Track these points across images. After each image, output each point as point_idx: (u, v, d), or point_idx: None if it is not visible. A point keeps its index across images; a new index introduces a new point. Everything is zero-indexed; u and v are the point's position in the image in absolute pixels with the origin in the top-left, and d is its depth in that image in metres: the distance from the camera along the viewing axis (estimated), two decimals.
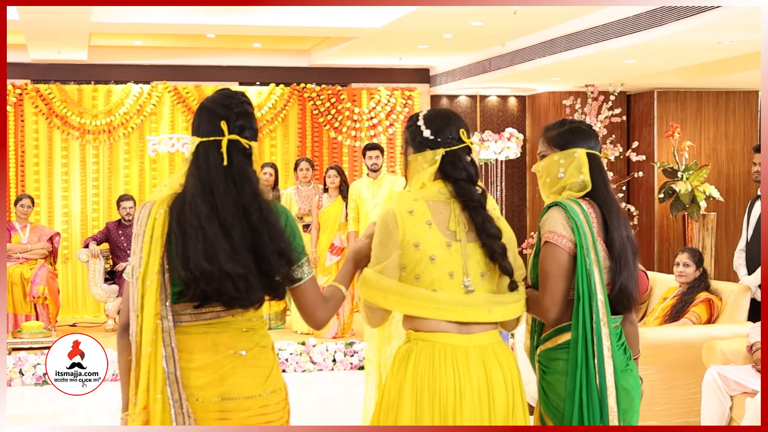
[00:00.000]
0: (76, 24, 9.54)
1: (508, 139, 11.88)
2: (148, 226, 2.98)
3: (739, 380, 5.63)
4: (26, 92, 11.84)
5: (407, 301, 3.19)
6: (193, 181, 2.98)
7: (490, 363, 3.22)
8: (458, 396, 3.17)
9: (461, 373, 3.17)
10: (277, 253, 2.94)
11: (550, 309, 3.35)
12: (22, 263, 10.18)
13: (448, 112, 3.40)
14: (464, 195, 3.27)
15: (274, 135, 12.60)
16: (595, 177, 3.45)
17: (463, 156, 3.30)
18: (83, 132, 11.96)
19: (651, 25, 8.35)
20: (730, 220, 13.14)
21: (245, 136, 3.05)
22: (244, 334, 3.06)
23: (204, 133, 3.04)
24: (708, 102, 13.31)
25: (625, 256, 3.38)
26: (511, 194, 13.65)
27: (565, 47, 9.83)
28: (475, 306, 3.19)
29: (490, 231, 3.25)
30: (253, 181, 3.01)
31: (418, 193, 3.28)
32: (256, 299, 2.99)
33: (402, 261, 3.21)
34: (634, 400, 3.43)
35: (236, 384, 3.00)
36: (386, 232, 3.23)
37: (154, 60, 12.52)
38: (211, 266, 2.88)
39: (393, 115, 12.86)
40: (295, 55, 12.81)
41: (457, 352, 3.19)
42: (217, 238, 2.89)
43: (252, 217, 2.94)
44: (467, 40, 10.69)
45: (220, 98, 3.08)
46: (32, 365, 8.39)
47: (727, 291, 6.75)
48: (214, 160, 2.99)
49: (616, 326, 3.43)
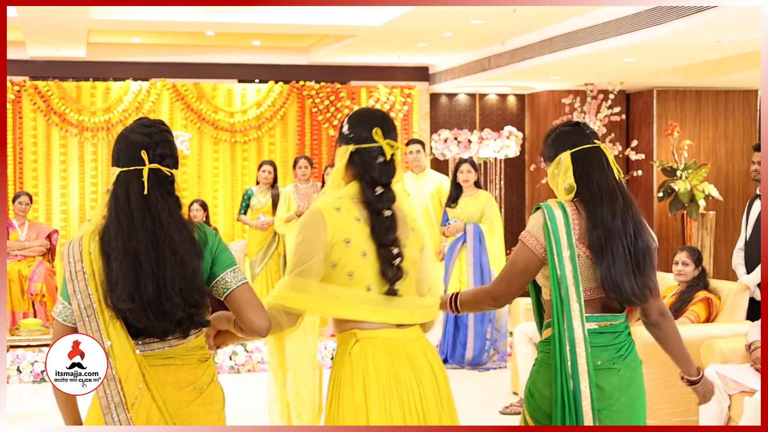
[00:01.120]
0: (75, 21, 9.53)
1: (507, 138, 11.87)
2: (86, 263, 2.99)
3: (738, 379, 5.63)
4: (24, 89, 11.83)
5: (343, 305, 3.19)
6: (111, 212, 3.01)
7: (429, 356, 3.28)
8: (420, 389, 3.21)
9: (415, 366, 3.21)
10: (179, 292, 2.96)
11: (500, 297, 3.49)
12: (20, 260, 10.17)
13: (373, 111, 3.42)
14: (364, 197, 3.26)
15: (273, 133, 12.60)
16: (579, 175, 3.44)
17: (372, 156, 3.28)
18: (82, 129, 11.95)
19: (650, 24, 8.34)
20: (729, 219, 13.14)
21: (166, 164, 3.07)
22: (202, 366, 3.10)
23: (124, 163, 3.05)
24: (707, 101, 13.30)
25: (605, 248, 3.34)
26: (510, 193, 13.64)
27: (565, 46, 9.83)
28: (401, 308, 3.23)
29: (380, 239, 3.22)
30: (171, 210, 3.03)
31: (343, 191, 3.29)
32: (162, 329, 3.00)
33: (332, 259, 3.20)
34: (612, 398, 3.40)
35: (201, 421, 3.05)
36: (312, 231, 3.20)
37: (152, 57, 12.51)
38: (114, 298, 2.92)
39: (392, 114, 12.85)
40: (295, 52, 12.80)
41: (406, 346, 3.23)
42: (124, 271, 2.92)
43: (161, 248, 2.96)
44: (467, 39, 10.68)
45: (139, 128, 3.09)
46: (30, 362, 8.38)
47: (725, 290, 6.75)
48: (134, 190, 3.00)
49: (607, 325, 3.43)
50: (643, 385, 3.52)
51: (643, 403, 3.51)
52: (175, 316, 2.97)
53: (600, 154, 3.49)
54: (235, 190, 12.33)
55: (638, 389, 3.48)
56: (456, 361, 8.76)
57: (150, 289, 2.93)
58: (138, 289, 2.92)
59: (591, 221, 3.38)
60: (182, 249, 2.98)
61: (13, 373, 8.30)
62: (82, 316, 2.97)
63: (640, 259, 3.40)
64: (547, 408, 3.40)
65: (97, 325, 2.95)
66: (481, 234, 8.76)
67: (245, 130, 12.44)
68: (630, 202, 3.44)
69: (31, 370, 8.33)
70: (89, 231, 3.04)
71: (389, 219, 3.24)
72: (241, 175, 12.43)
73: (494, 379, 8.41)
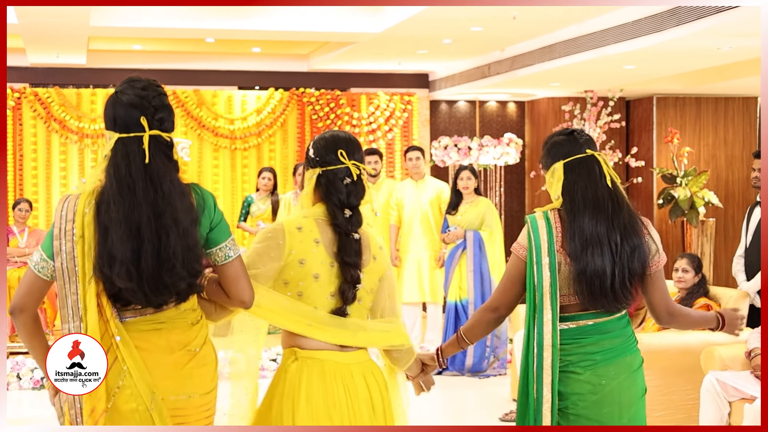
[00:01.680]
0: (75, 28, 9.53)
1: (507, 145, 11.87)
2: (77, 224, 2.94)
3: (738, 386, 5.62)
4: (25, 96, 11.84)
5: (287, 315, 3.22)
6: (112, 179, 2.94)
7: (369, 381, 3.31)
8: (352, 413, 3.24)
9: (350, 391, 3.24)
10: (182, 263, 2.94)
11: (499, 307, 3.63)
12: (20, 267, 10.16)
13: (338, 134, 3.43)
14: (333, 219, 3.29)
15: (273, 140, 12.60)
16: (567, 186, 3.52)
17: (338, 177, 3.32)
18: (82, 136, 11.96)
19: (650, 31, 8.35)
20: (729, 226, 13.14)
21: (165, 129, 3.03)
22: (194, 328, 3.08)
23: (122, 129, 2.99)
24: (707, 108, 13.31)
25: (581, 254, 3.42)
26: (510, 200, 13.64)
27: (565, 53, 9.83)
28: (344, 329, 3.26)
29: (344, 258, 3.26)
30: (172, 177, 2.99)
31: (309, 212, 3.34)
32: (160, 302, 2.99)
33: (285, 276, 3.24)
34: (568, 401, 3.47)
35: (195, 383, 3.04)
36: (271, 241, 3.25)
37: (153, 64, 12.51)
38: (109, 272, 2.88)
39: (392, 121, 12.86)
40: (295, 59, 12.81)
41: (344, 370, 3.26)
42: (122, 241, 2.88)
43: (163, 217, 2.92)
44: (466, 46, 10.69)
45: (134, 90, 3.02)
46: (30, 369, 8.36)
47: (725, 297, 6.75)
48: (134, 158, 2.95)
49: (577, 326, 3.50)
50: (622, 392, 3.49)
51: (617, 409, 3.49)
52: (177, 288, 2.95)
53: (592, 163, 3.54)
54: (235, 197, 12.33)
55: (611, 395, 3.48)
56: (456, 368, 8.75)
57: (150, 263, 2.90)
58: (137, 265, 2.89)
59: (570, 230, 3.46)
60: (184, 218, 2.95)
61: (13, 380, 8.29)
62: (64, 276, 2.94)
63: (626, 264, 3.45)
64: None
65: (76, 289, 2.94)
66: (481, 241, 8.76)
67: (245, 136, 12.45)
68: (619, 208, 3.49)
69: (31, 376, 8.31)
70: (87, 192, 2.98)
71: (357, 242, 3.28)
72: (241, 182, 12.44)
73: (494, 386, 8.40)
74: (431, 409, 8.10)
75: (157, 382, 2.98)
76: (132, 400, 2.94)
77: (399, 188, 9.88)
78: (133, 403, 2.94)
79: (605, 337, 3.50)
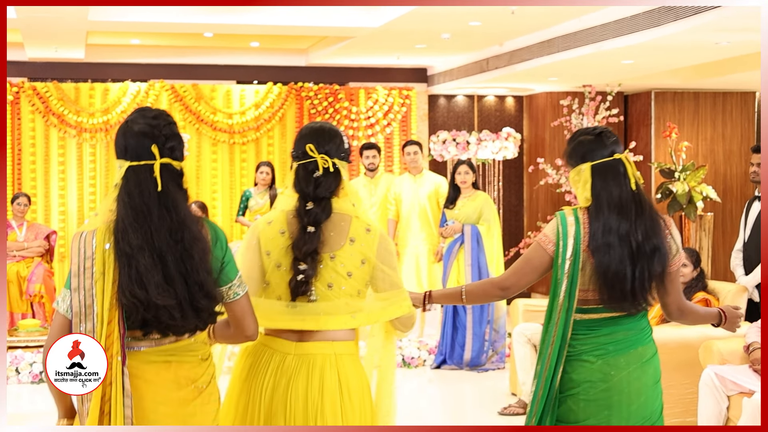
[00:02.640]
0: (74, 22, 9.53)
1: (506, 139, 11.86)
2: (98, 261, 2.92)
3: (736, 380, 5.63)
4: (23, 90, 11.83)
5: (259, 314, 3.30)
6: (126, 208, 2.94)
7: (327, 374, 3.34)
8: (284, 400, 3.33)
9: (281, 377, 3.33)
10: (198, 285, 2.95)
11: (510, 288, 3.70)
12: (19, 261, 10.17)
13: (310, 127, 3.54)
14: (296, 211, 3.40)
15: (272, 134, 12.60)
16: (596, 186, 3.60)
17: (308, 171, 3.43)
18: (80, 130, 11.95)
19: (648, 26, 8.35)
20: (727, 220, 13.15)
21: (176, 157, 3.04)
22: (202, 364, 3.09)
23: (134, 157, 3.00)
24: (705, 103, 13.31)
25: (605, 254, 3.53)
26: (508, 194, 13.64)
27: (563, 47, 9.83)
28: (294, 314, 3.35)
29: (293, 250, 3.36)
30: (184, 204, 3.01)
31: (284, 204, 3.48)
32: (191, 327, 3.00)
33: (263, 268, 3.40)
34: (580, 387, 3.59)
35: (198, 421, 3.05)
36: (249, 240, 3.44)
37: (151, 59, 12.50)
38: (145, 295, 2.88)
39: (390, 115, 12.86)
40: (293, 54, 12.80)
41: (292, 360, 3.35)
42: (149, 267, 2.89)
43: (184, 242, 2.93)
44: (465, 40, 10.69)
45: (145, 119, 3.05)
46: (28, 363, 8.38)
47: (724, 291, 6.76)
48: (147, 185, 2.95)
49: (593, 318, 3.61)
50: (632, 382, 3.61)
51: (626, 398, 3.60)
52: (206, 312, 2.97)
53: (618, 166, 3.63)
54: (234, 192, 12.33)
55: (620, 384, 3.59)
56: (454, 362, 8.76)
57: (180, 286, 2.91)
58: (172, 287, 2.90)
59: (593, 229, 3.56)
60: (201, 245, 2.97)
61: (12, 374, 8.30)
62: (80, 314, 2.92)
63: (646, 266, 3.55)
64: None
65: (93, 327, 2.91)
66: (479, 235, 8.77)
67: (244, 131, 12.44)
68: (642, 211, 3.59)
69: (30, 371, 8.33)
70: (103, 227, 2.96)
71: (310, 235, 3.35)
72: (239, 176, 12.43)
73: (493, 380, 8.41)
74: (429, 403, 8.11)
75: (159, 418, 2.98)
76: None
77: (397, 183, 9.89)
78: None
79: (620, 328, 3.62)
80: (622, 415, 3.59)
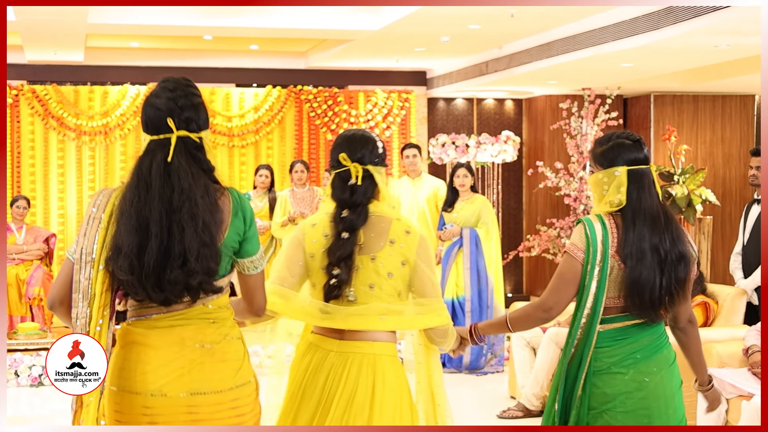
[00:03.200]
0: (73, 25, 9.53)
1: (505, 142, 11.87)
2: (106, 213, 3.01)
3: (735, 383, 5.63)
4: (22, 93, 11.84)
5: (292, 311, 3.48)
6: (133, 175, 3.02)
7: (364, 371, 3.43)
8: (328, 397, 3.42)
9: (331, 378, 3.43)
10: (196, 258, 2.96)
11: (553, 308, 3.62)
12: (18, 264, 10.17)
13: (343, 136, 3.65)
14: (332, 218, 3.52)
15: (271, 137, 12.60)
16: (632, 193, 3.59)
17: (342, 179, 3.55)
18: (79, 133, 11.96)
19: (648, 29, 8.35)
20: (726, 223, 13.15)
21: (192, 129, 3.07)
22: (211, 326, 3.07)
23: (153, 131, 3.05)
24: (704, 106, 13.32)
25: (639, 263, 3.52)
26: (507, 197, 13.64)
27: (562, 50, 9.84)
28: (325, 314, 3.45)
29: (330, 257, 3.46)
30: (195, 175, 3.02)
31: (328, 208, 3.59)
32: (169, 299, 2.99)
33: (308, 269, 3.52)
34: (616, 400, 3.54)
35: (205, 379, 3.01)
36: (294, 241, 3.56)
37: (150, 61, 12.51)
38: (122, 261, 2.93)
39: (390, 118, 12.87)
40: (292, 57, 12.81)
41: (333, 357, 3.46)
42: (131, 233, 2.93)
43: (179, 214, 2.95)
44: (464, 43, 10.69)
45: (164, 92, 3.08)
46: (28, 366, 8.37)
47: (723, 294, 6.76)
48: (157, 159, 3.00)
49: (617, 327, 3.58)
50: (666, 385, 3.60)
51: (664, 402, 3.58)
52: (188, 285, 2.96)
53: (650, 176, 3.64)
54: None
55: (656, 389, 3.57)
56: (453, 365, 8.76)
57: (154, 259, 2.92)
58: (140, 260, 2.92)
59: (627, 237, 3.55)
60: (205, 215, 2.97)
61: (11, 377, 8.29)
62: (81, 260, 2.98)
63: (672, 274, 3.56)
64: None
65: (89, 274, 2.96)
66: (478, 238, 8.77)
67: (243, 134, 12.45)
68: (671, 220, 3.61)
69: (29, 374, 8.32)
70: (121, 186, 3.06)
71: (344, 241, 3.45)
72: (238, 179, 12.43)
73: (492, 383, 8.41)
74: None
75: (163, 381, 2.97)
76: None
77: (396, 186, 9.89)
78: None
79: (644, 335, 3.61)
80: (662, 421, 3.57)
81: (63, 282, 3.04)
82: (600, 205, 3.65)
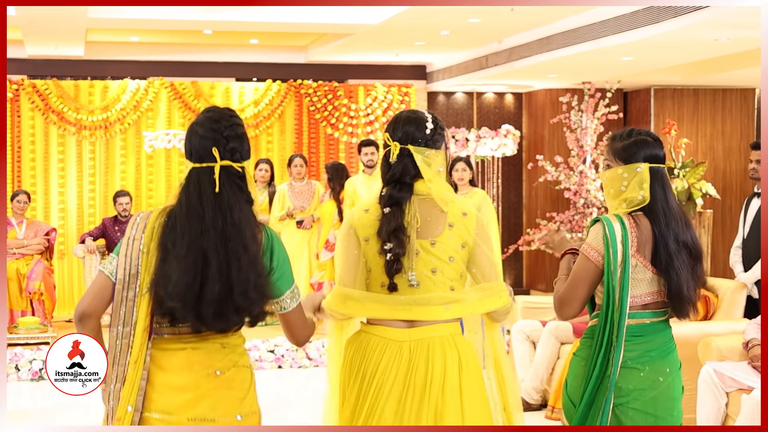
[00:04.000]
0: (73, 20, 9.53)
1: (505, 136, 11.88)
2: (146, 236, 3.01)
3: (735, 377, 5.64)
4: (23, 88, 11.83)
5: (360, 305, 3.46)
6: (181, 207, 3.02)
7: (437, 357, 3.40)
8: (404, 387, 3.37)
9: (401, 365, 3.38)
10: (254, 288, 2.97)
11: (568, 306, 3.61)
12: (18, 259, 10.18)
13: (395, 117, 3.66)
14: (380, 196, 3.56)
15: (271, 131, 12.60)
16: (655, 191, 3.58)
17: (386, 159, 3.61)
18: (80, 128, 11.96)
19: (648, 23, 8.35)
20: (727, 217, 13.16)
21: (236, 159, 3.07)
22: (221, 351, 3.07)
23: (197, 159, 3.06)
24: (705, 99, 13.32)
25: (674, 263, 3.54)
26: (507, 191, 13.65)
27: (562, 44, 9.84)
28: (381, 303, 3.44)
29: (379, 234, 3.46)
30: (242, 207, 3.04)
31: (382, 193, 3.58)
32: (227, 327, 3.01)
33: (363, 256, 3.50)
34: (630, 396, 3.55)
35: (211, 406, 3.01)
36: (347, 230, 3.55)
37: (150, 56, 12.51)
38: (184, 291, 2.92)
39: (390, 112, 12.86)
40: (292, 51, 12.81)
41: (407, 346, 3.41)
42: (187, 264, 2.93)
43: (234, 244, 2.96)
44: (464, 37, 10.69)
45: (209, 122, 3.08)
46: (28, 360, 8.38)
47: (723, 288, 6.76)
48: (205, 188, 3.01)
49: (638, 323, 3.59)
50: (675, 387, 3.62)
51: (672, 404, 3.61)
52: (251, 312, 2.98)
53: (667, 175, 3.65)
54: None
55: (667, 391, 3.59)
56: None
57: (217, 288, 2.92)
58: (200, 289, 2.92)
59: (659, 238, 3.55)
60: (252, 246, 2.99)
61: (12, 371, 8.30)
62: (124, 280, 3.00)
63: (697, 267, 3.60)
64: (574, 397, 3.65)
65: (134, 296, 2.98)
66: None
67: None
68: (689, 219, 3.63)
69: (30, 368, 8.33)
70: (159, 210, 3.07)
71: (387, 216, 3.45)
72: None
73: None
74: None
75: (168, 402, 2.98)
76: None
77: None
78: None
79: (659, 335, 3.63)
80: (666, 423, 3.59)
81: (96, 295, 3.04)
82: (616, 201, 3.63)
